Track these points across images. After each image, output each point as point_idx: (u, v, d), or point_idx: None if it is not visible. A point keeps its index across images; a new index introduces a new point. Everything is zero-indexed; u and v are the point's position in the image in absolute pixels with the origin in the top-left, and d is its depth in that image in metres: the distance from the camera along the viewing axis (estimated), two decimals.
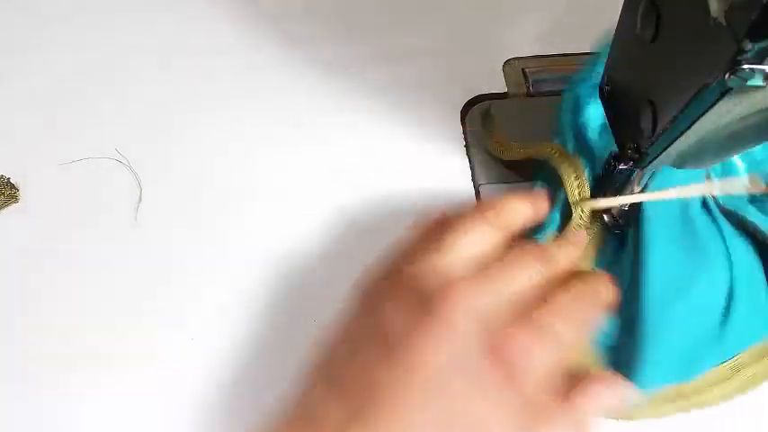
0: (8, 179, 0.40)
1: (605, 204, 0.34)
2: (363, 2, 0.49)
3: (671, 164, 0.30)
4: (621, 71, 0.31)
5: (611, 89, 0.32)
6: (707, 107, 0.24)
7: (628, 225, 0.34)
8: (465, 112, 0.43)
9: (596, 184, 0.35)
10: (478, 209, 0.30)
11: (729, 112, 0.24)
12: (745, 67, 0.21)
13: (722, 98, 0.23)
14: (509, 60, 0.45)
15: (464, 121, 0.43)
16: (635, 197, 0.33)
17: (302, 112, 0.43)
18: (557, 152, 0.36)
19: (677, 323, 0.31)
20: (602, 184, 0.35)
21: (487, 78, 0.44)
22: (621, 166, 0.32)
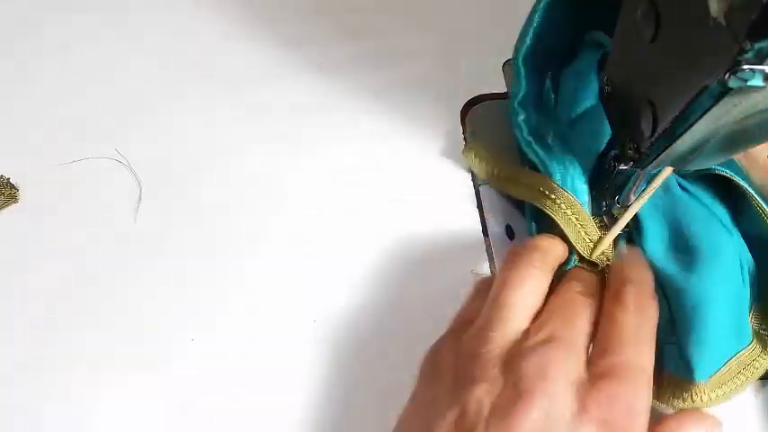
0: (8, 179, 0.40)
1: (614, 235, 0.34)
2: (363, 2, 0.49)
3: (671, 164, 0.30)
4: (621, 71, 0.31)
5: (611, 89, 0.32)
6: (707, 107, 0.24)
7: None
8: (465, 112, 0.43)
9: (596, 185, 0.35)
10: (523, 254, 0.30)
11: (729, 112, 0.24)
12: (746, 67, 0.21)
13: (722, 98, 0.23)
14: (509, 60, 0.45)
15: (464, 121, 0.43)
16: (628, 214, 0.33)
17: (302, 112, 0.43)
18: (547, 198, 0.34)
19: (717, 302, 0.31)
20: (601, 184, 0.35)
21: (487, 78, 0.44)
22: (622, 167, 0.32)
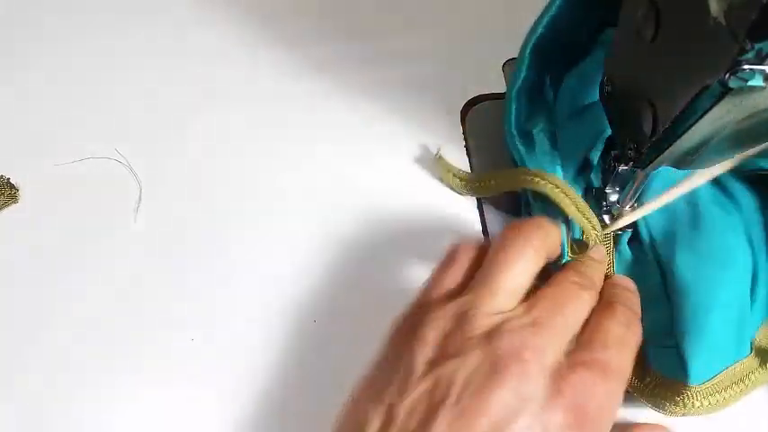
0: (8, 179, 0.40)
1: (623, 224, 0.33)
2: (363, 2, 0.49)
3: (671, 164, 0.30)
4: (621, 71, 0.31)
5: (611, 90, 0.32)
6: (707, 108, 0.24)
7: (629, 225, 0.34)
8: (465, 112, 0.43)
9: (596, 185, 0.35)
10: (521, 232, 0.29)
11: (730, 112, 0.24)
12: (746, 67, 0.21)
13: (722, 98, 0.23)
14: (509, 60, 0.45)
15: (464, 121, 0.43)
16: (648, 207, 0.33)
17: (301, 113, 0.43)
18: (546, 182, 0.34)
19: (717, 310, 0.31)
20: (602, 184, 0.35)
21: (487, 78, 0.44)
22: (622, 167, 0.32)
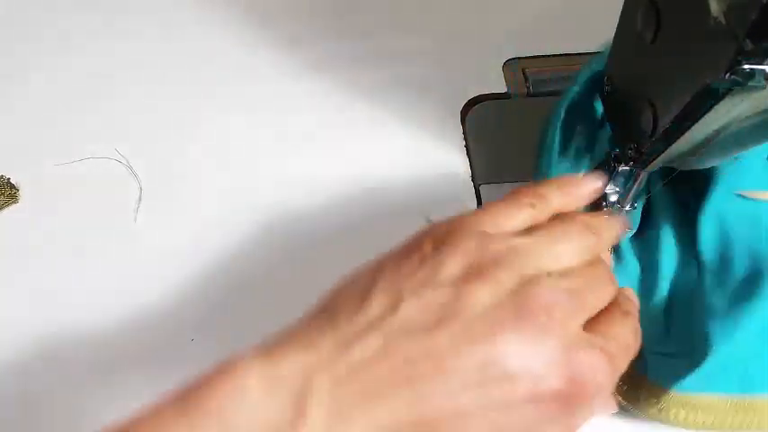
0: (8, 179, 0.40)
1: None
2: (363, 2, 0.49)
3: (671, 164, 0.30)
4: (621, 71, 0.31)
5: (611, 89, 0.32)
6: (707, 107, 0.24)
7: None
8: (465, 112, 0.43)
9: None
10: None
11: (730, 112, 0.24)
12: (746, 67, 0.21)
13: (723, 98, 0.23)
14: (509, 60, 0.45)
15: (464, 121, 0.43)
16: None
17: (301, 113, 0.43)
18: None
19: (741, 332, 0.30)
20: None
21: (487, 78, 0.44)
22: (622, 167, 0.32)
